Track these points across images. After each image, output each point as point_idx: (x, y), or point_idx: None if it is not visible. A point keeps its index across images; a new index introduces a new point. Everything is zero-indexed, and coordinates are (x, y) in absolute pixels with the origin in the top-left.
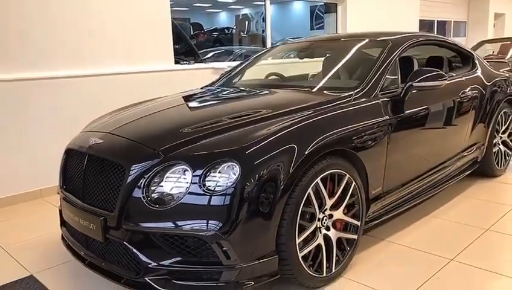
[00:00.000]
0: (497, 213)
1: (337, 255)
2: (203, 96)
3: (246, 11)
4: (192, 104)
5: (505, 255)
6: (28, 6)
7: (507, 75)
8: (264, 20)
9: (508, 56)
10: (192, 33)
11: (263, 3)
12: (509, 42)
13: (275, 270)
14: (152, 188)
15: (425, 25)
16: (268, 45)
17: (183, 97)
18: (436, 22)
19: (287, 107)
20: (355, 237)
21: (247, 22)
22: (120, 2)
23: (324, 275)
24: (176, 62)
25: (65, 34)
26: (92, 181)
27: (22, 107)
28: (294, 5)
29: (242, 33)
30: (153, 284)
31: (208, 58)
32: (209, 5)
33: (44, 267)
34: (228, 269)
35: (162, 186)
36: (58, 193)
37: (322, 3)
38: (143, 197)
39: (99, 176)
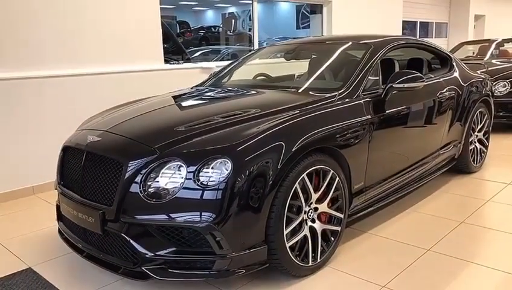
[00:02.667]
0: (472, 207)
1: (322, 245)
2: (194, 96)
3: (232, 9)
4: (185, 103)
5: (477, 245)
6: (21, 8)
7: (483, 76)
8: (250, 19)
9: (486, 57)
10: (179, 31)
11: (250, 2)
12: (487, 44)
13: (264, 260)
14: (148, 183)
15: (408, 25)
16: (256, 43)
17: (175, 97)
18: (418, 23)
19: (275, 107)
20: (338, 229)
21: (233, 21)
22: (111, 3)
23: (310, 264)
24: (165, 61)
25: (58, 34)
26: (90, 177)
27: (13, 105)
28: (280, 4)
29: (229, 32)
30: (149, 273)
31: (195, 57)
32: (196, 3)
33: (42, 260)
34: (221, 258)
35: (158, 181)
36: (56, 189)
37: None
38: (140, 191)
39: (98, 172)
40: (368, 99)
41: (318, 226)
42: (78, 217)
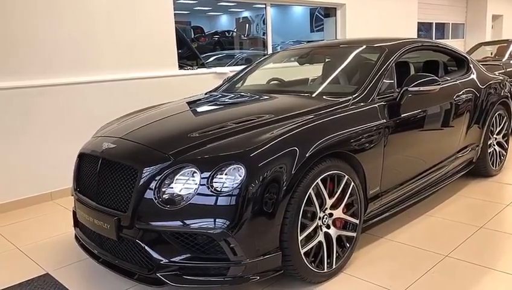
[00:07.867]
0: (491, 211)
1: (337, 251)
2: (208, 102)
3: (246, 14)
4: (198, 109)
5: (497, 251)
6: (34, 17)
7: (501, 78)
8: (264, 23)
9: (505, 58)
10: (193, 36)
11: (264, 6)
12: (505, 44)
13: (279, 266)
14: (163, 189)
15: (423, 27)
16: (269, 47)
17: (189, 103)
18: (434, 24)
19: (288, 112)
20: (354, 234)
21: (247, 25)
22: (126, 11)
23: (325, 270)
24: (180, 67)
25: (72, 42)
26: (105, 184)
27: (31, 113)
28: (294, 7)
29: (242, 36)
30: (164, 279)
31: (209, 62)
32: (210, 8)
33: (59, 265)
34: (235, 264)
35: (172, 187)
36: (72, 195)
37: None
38: (154, 198)
39: (113, 179)
40: (382, 103)
41: (333, 232)
42: (94, 224)
